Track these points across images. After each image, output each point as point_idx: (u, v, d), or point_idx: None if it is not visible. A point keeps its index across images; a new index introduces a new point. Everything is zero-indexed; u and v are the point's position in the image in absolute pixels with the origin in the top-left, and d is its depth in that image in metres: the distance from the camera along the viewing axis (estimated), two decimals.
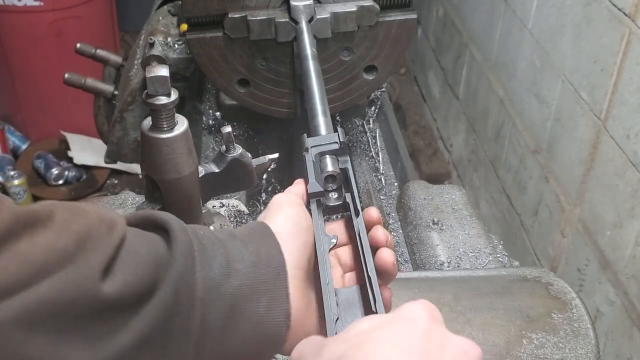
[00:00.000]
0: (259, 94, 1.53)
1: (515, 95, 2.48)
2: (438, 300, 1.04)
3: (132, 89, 1.67)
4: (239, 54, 1.47)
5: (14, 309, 0.51)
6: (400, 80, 3.92)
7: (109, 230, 0.59)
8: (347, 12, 1.42)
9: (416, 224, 1.38)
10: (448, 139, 3.35)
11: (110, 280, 0.57)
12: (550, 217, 2.19)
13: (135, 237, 0.62)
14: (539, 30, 2.27)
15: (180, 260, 0.61)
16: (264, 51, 1.47)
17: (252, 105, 1.55)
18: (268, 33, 1.42)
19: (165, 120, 0.85)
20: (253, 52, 1.47)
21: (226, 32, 1.43)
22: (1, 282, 0.52)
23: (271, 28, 1.42)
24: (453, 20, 3.25)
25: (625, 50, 1.74)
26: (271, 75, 1.51)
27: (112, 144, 1.74)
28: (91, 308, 0.55)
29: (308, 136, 0.83)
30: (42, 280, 0.53)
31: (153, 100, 0.82)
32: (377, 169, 1.81)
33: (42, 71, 3.23)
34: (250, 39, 1.43)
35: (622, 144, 1.76)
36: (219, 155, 0.96)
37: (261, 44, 1.45)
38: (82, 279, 0.55)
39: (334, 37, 1.45)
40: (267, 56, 1.48)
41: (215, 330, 0.63)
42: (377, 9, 1.43)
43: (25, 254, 0.53)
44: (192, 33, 1.44)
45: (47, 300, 0.53)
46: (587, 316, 1.05)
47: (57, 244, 0.55)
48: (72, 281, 0.54)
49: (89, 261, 0.56)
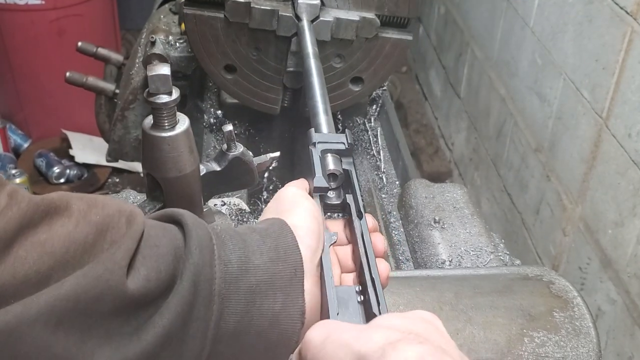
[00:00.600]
0: (244, 84, 1.51)
1: (517, 94, 2.48)
2: (439, 298, 1.04)
3: (134, 88, 1.67)
4: (232, 39, 1.45)
5: (39, 305, 0.50)
6: (402, 78, 3.92)
7: (128, 223, 0.58)
8: (349, 20, 1.43)
9: (417, 223, 1.38)
10: (449, 138, 3.35)
11: (134, 276, 0.56)
12: (552, 215, 2.19)
13: (153, 228, 0.61)
14: (540, 29, 2.27)
15: (197, 253, 0.60)
16: (258, 41, 1.46)
17: (235, 94, 1.52)
18: (269, 24, 1.42)
19: (167, 118, 0.85)
20: (247, 40, 1.45)
21: (226, 14, 1.41)
22: (22, 273, 0.50)
23: (273, 19, 1.41)
24: (454, 19, 3.24)
25: (627, 48, 1.74)
26: (260, 67, 1.50)
27: (113, 142, 1.74)
28: (116, 305, 0.54)
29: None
30: (66, 275, 0.52)
31: (154, 98, 0.82)
32: (378, 168, 1.81)
33: (44, 70, 3.23)
34: (250, 26, 1.42)
35: (623, 142, 1.76)
36: (220, 153, 0.96)
37: (258, 34, 1.44)
38: (108, 274, 0.53)
39: (331, 42, 1.45)
40: (260, 47, 1.47)
41: (231, 325, 0.62)
42: (377, 22, 1.45)
43: (44, 244, 0.52)
44: (190, 8, 1.42)
45: (73, 297, 0.52)
46: (588, 315, 1.05)
47: (77, 234, 0.54)
48: (99, 276, 0.53)
49: (114, 256, 0.55)
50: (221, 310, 0.61)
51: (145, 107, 1.67)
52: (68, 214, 0.55)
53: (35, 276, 0.51)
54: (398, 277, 1.11)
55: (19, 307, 0.50)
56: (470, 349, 0.97)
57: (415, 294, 1.04)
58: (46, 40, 3.17)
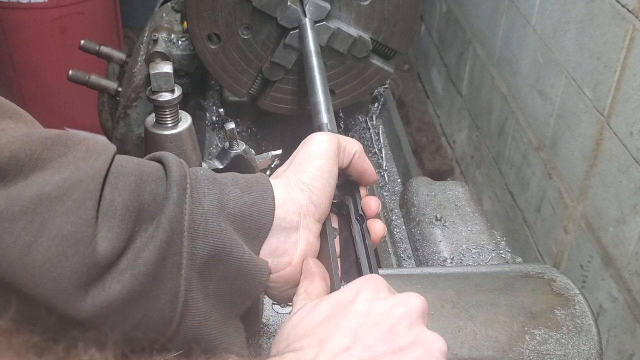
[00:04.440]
0: (222, 58, 1.49)
1: (519, 92, 2.48)
2: (441, 296, 1.04)
3: (136, 86, 1.67)
4: (229, 10, 1.42)
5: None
6: (404, 76, 3.92)
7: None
8: (348, 34, 1.46)
9: (419, 221, 1.38)
10: (451, 136, 3.35)
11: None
12: (553, 213, 2.19)
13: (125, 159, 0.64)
14: (542, 27, 2.27)
15: (174, 189, 0.62)
16: (254, 22, 1.44)
17: (209, 65, 1.50)
18: (273, 10, 1.41)
19: (169, 116, 0.85)
20: (243, 17, 1.44)
21: None
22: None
23: (279, 7, 1.41)
24: (456, 17, 3.24)
25: (628, 46, 1.74)
26: (244, 47, 1.48)
27: (116, 140, 1.74)
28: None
29: (311, 132, 0.84)
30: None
31: (157, 96, 0.83)
32: (380, 166, 1.81)
33: (47, 68, 3.24)
34: (254, 4, 1.40)
35: (625, 140, 1.76)
36: (223, 151, 0.96)
37: (257, 15, 1.43)
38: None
39: (322, 49, 1.46)
40: (253, 28, 1.46)
41: (198, 265, 0.63)
42: (370, 46, 1.49)
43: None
44: None
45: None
46: (589, 312, 1.05)
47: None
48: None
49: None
50: (191, 249, 0.62)
51: (147, 105, 1.68)
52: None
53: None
54: (399, 275, 1.12)
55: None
56: (472, 347, 0.98)
57: (417, 292, 1.04)
58: (49, 38, 3.17)
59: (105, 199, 0.59)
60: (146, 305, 0.60)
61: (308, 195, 0.70)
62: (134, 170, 0.63)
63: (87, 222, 0.56)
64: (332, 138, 0.75)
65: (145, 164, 0.65)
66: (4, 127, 0.56)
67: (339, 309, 0.59)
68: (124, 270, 0.58)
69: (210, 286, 0.64)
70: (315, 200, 0.70)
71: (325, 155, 0.73)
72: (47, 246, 0.54)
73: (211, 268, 0.64)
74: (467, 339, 0.99)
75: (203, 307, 0.64)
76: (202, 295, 0.64)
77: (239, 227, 0.66)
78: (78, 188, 0.56)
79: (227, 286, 0.65)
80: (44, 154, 0.56)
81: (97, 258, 0.56)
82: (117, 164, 0.62)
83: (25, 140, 0.56)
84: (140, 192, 0.61)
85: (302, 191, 0.70)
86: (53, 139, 0.58)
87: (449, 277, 1.12)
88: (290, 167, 0.73)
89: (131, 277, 0.58)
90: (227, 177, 0.69)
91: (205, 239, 0.63)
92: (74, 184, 0.56)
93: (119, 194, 0.60)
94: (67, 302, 0.55)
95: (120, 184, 0.60)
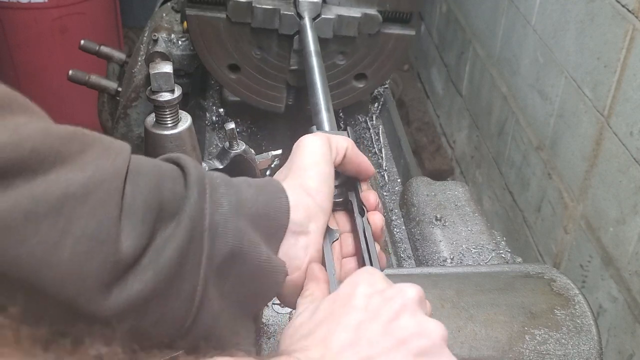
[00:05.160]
0: (248, 83, 1.52)
1: (519, 92, 2.48)
2: (441, 296, 1.04)
3: (136, 86, 1.67)
4: (235, 38, 1.46)
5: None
6: (404, 76, 3.92)
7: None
8: (351, 16, 1.44)
9: (419, 220, 1.38)
10: (451, 136, 3.35)
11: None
12: (553, 213, 2.19)
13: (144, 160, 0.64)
14: (542, 27, 2.27)
15: (194, 189, 0.62)
16: (261, 40, 1.47)
17: (239, 93, 1.53)
18: (270, 23, 1.42)
19: (169, 116, 0.85)
20: (250, 40, 1.46)
21: (228, 14, 1.42)
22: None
23: (275, 18, 1.42)
24: (456, 17, 3.24)
25: (629, 46, 1.74)
26: (263, 66, 1.50)
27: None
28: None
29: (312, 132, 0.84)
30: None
31: (157, 96, 0.83)
32: (380, 166, 1.81)
33: (47, 68, 3.24)
34: (252, 25, 1.43)
35: (625, 140, 1.76)
36: (223, 151, 0.96)
37: (260, 33, 1.45)
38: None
39: (333, 40, 1.46)
40: (263, 46, 1.48)
41: (216, 265, 0.63)
42: (380, 19, 1.46)
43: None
44: (192, 9, 1.43)
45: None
46: (589, 312, 1.05)
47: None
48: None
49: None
50: (210, 249, 0.62)
51: (147, 105, 1.68)
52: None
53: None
54: (399, 275, 1.12)
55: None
56: (472, 347, 0.98)
57: None
58: (49, 38, 3.17)
59: (127, 198, 0.58)
60: (164, 304, 0.60)
61: (314, 200, 0.70)
62: (152, 169, 0.63)
63: (111, 220, 0.56)
64: (323, 139, 0.76)
65: (161, 163, 0.65)
66: (22, 122, 0.55)
67: (339, 306, 0.60)
68: (146, 269, 0.58)
69: (227, 286, 0.65)
70: (321, 205, 0.71)
71: (323, 158, 0.74)
72: (72, 246, 0.53)
73: (228, 267, 0.64)
74: (467, 339, 0.99)
75: (217, 307, 0.64)
76: (218, 294, 0.64)
77: (257, 226, 0.66)
78: (101, 187, 0.56)
79: (243, 286, 0.66)
80: (63, 149, 0.56)
81: (120, 257, 0.56)
82: (135, 163, 0.62)
83: (45, 135, 0.56)
84: (161, 191, 0.61)
85: (310, 196, 0.70)
86: (71, 134, 0.58)
87: (449, 277, 1.12)
88: (290, 174, 0.73)
89: (153, 275, 0.58)
90: (240, 179, 0.70)
91: (225, 239, 0.63)
92: (98, 183, 0.56)
93: (140, 192, 0.60)
94: (90, 302, 0.55)
95: (141, 182, 0.60)
